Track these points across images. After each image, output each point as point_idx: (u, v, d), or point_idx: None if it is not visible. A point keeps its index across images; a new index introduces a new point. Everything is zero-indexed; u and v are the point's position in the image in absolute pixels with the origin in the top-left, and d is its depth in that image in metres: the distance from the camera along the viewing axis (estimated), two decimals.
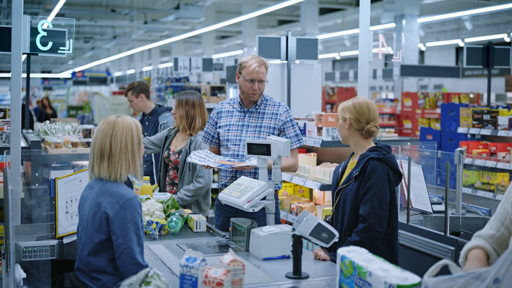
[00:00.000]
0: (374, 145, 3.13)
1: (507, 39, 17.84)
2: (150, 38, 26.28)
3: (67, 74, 32.07)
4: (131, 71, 29.80)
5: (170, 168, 4.31)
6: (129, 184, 2.78)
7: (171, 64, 17.68)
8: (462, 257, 2.23)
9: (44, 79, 30.42)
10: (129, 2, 18.61)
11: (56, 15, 13.62)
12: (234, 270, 2.16)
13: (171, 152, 4.30)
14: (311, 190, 5.27)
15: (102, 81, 20.98)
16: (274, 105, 3.81)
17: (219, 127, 3.81)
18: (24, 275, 2.87)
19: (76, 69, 31.23)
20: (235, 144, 3.73)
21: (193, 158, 3.62)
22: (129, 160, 2.68)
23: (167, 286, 2.10)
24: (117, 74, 28.16)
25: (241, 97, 3.79)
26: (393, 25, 14.49)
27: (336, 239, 2.68)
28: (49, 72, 38.20)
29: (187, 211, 3.80)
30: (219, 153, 3.86)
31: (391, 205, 3.02)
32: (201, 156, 3.64)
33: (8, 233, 2.87)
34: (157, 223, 3.43)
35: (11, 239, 2.08)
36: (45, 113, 14.05)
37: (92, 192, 2.71)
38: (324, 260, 2.96)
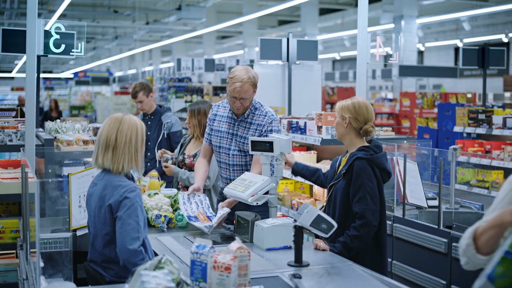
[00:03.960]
0: (366, 144, 3.29)
1: (505, 40, 18.03)
2: (151, 38, 26.46)
3: (68, 74, 32.21)
4: (132, 71, 30.01)
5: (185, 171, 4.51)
6: (131, 178, 2.95)
7: (172, 64, 17.84)
8: (469, 238, 1.99)
9: (45, 79, 30.58)
10: (131, 3, 18.79)
11: (59, 16, 13.78)
12: (241, 256, 2.32)
13: (186, 156, 4.55)
14: (311, 187, 5.45)
15: (104, 81, 21.16)
16: (260, 115, 3.77)
17: (212, 130, 3.90)
18: (41, 264, 3.05)
19: (77, 69, 31.40)
20: (226, 154, 3.82)
21: (181, 199, 3.63)
22: (132, 154, 2.86)
23: (179, 271, 2.27)
24: (118, 74, 28.34)
25: None
26: (392, 25, 14.66)
27: (334, 230, 2.86)
28: (50, 72, 38.35)
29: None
30: (212, 152, 3.98)
31: (380, 200, 3.21)
32: (187, 200, 3.66)
33: (28, 224, 3.06)
34: (165, 216, 3.61)
35: (37, 230, 2.26)
36: (50, 115, 13.86)
37: (96, 188, 2.88)
38: (323, 250, 3.14)
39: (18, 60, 26.82)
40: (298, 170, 3.63)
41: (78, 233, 3.49)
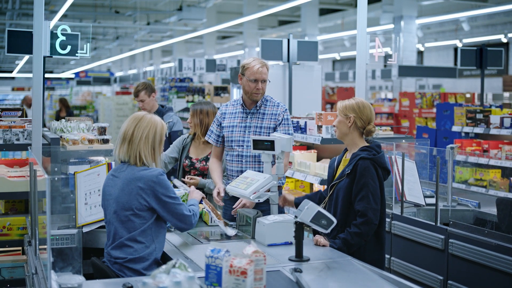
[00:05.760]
0: (367, 143, 3.38)
1: (504, 40, 18.13)
2: (152, 38, 26.55)
3: (68, 74, 32.27)
4: (133, 71, 30.08)
5: (194, 175, 4.45)
6: None
7: (172, 64, 17.89)
8: None
9: (46, 79, 30.60)
10: (132, 4, 18.87)
11: (60, 17, 13.87)
12: (257, 260, 2.30)
13: (194, 160, 4.48)
14: (311, 185, 5.54)
15: (106, 81, 21.24)
16: (274, 105, 3.99)
17: (223, 127, 4.02)
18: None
19: (78, 69, 31.48)
20: (239, 146, 3.95)
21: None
22: (149, 151, 2.98)
23: (194, 274, 2.21)
24: (119, 74, 28.43)
25: (243, 98, 3.99)
26: (392, 26, 14.75)
27: (334, 225, 2.95)
28: (51, 72, 38.42)
29: (201, 206, 4.03)
30: (222, 152, 4.10)
31: (380, 199, 3.30)
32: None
33: (36, 221, 3.15)
34: None
35: (48, 226, 2.34)
36: (58, 115, 13.59)
37: (118, 180, 2.99)
38: (323, 246, 3.23)
39: (19, 60, 26.90)
40: (300, 202, 3.69)
41: (85, 229, 3.58)
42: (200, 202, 3.55)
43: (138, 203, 2.93)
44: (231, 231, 3.46)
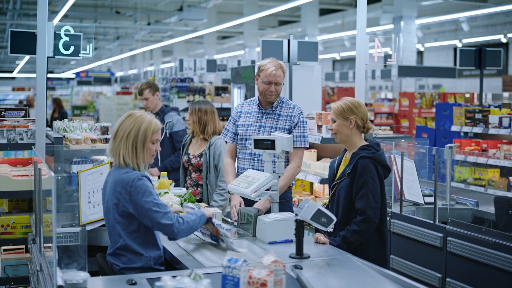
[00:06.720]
0: (366, 142, 3.42)
1: (504, 40, 18.18)
2: (152, 38, 26.60)
3: (69, 74, 32.29)
4: (134, 71, 30.12)
5: (192, 171, 4.69)
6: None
7: (173, 64, 17.92)
8: None
9: (47, 79, 30.53)
10: (133, 4, 18.92)
11: (61, 17, 13.91)
12: (276, 271, 2.24)
13: (191, 156, 4.68)
14: (311, 184, 5.59)
15: (106, 81, 21.29)
16: (289, 107, 4.03)
17: (238, 126, 4.09)
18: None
19: (78, 69, 31.52)
20: (252, 144, 4.02)
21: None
22: (129, 149, 2.88)
23: (210, 285, 2.16)
24: (120, 74, 28.47)
25: (259, 98, 4.05)
26: (391, 26, 14.79)
27: (334, 223, 2.99)
28: (51, 72, 38.41)
29: (203, 204, 4.10)
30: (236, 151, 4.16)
31: (381, 196, 3.34)
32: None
33: (41, 219, 3.20)
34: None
35: (54, 224, 2.39)
36: (52, 116, 13.10)
37: (108, 184, 3.02)
38: (323, 243, 3.28)
39: (19, 61, 26.94)
40: None
41: (88, 228, 3.62)
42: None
43: (117, 208, 2.90)
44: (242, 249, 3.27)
